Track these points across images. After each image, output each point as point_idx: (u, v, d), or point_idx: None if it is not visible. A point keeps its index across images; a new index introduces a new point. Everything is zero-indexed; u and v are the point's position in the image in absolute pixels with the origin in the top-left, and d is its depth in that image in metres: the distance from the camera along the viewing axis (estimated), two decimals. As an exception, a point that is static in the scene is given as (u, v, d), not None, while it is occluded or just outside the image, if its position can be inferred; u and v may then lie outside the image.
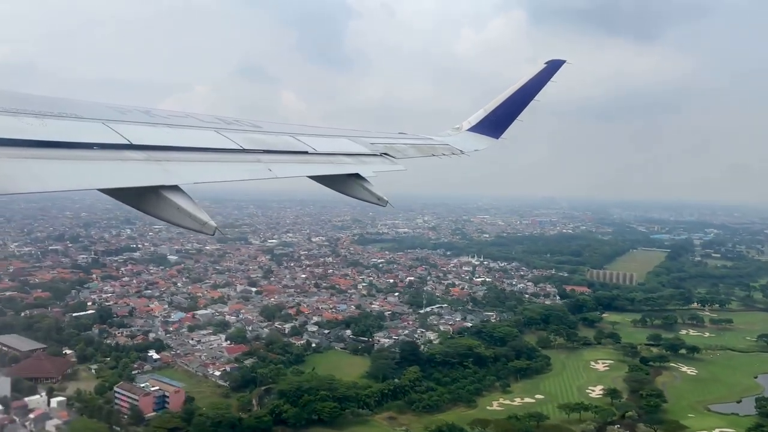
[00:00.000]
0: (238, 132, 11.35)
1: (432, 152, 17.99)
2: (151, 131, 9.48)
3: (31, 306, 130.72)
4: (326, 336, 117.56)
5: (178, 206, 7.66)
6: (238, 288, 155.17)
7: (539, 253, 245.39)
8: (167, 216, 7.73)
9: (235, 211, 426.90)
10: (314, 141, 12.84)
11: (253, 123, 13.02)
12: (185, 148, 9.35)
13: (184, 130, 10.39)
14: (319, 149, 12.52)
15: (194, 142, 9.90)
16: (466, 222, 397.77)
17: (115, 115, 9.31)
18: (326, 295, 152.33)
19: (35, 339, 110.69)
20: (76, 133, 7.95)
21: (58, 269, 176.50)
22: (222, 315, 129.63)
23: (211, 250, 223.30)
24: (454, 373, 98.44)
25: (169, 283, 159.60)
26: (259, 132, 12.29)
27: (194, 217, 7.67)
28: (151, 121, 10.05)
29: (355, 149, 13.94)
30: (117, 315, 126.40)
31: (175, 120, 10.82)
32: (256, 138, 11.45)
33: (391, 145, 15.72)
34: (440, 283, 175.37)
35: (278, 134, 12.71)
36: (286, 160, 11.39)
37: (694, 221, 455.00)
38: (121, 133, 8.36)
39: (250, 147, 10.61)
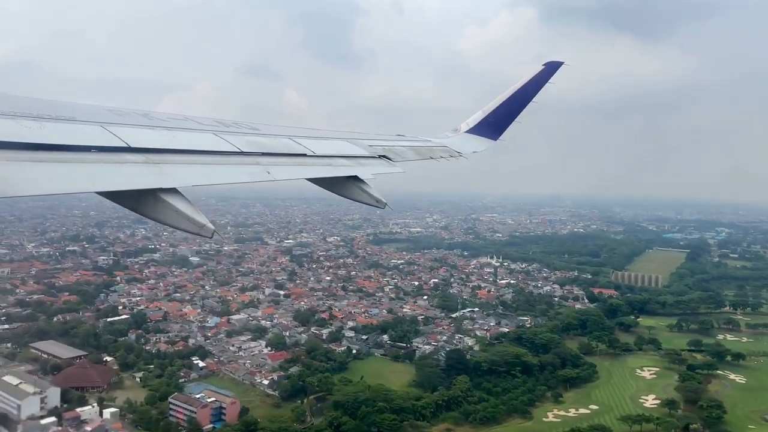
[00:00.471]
0: (236, 135, 11.42)
1: (430, 155, 18.10)
2: (150, 134, 9.53)
3: (63, 310, 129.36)
4: (364, 342, 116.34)
5: (176, 209, 7.70)
6: (266, 291, 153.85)
7: (557, 254, 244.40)
8: (165, 219, 7.70)
9: (243, 210, 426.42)
10: (312, 143, 12.97)
11: (252, 125, 13.14)
12: (183, 150, 9.43)
13: (182, 133, 10.45)
14: (317, 151, 12.62)
15: (192, 144, 9.99)
16: (476, 221, 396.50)
17: (112, 118, 9.40)
18: (355, 299, 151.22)
19: (72, 345, 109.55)
20: (73, 136, 7.99)
21: (81, 271, 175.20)
22: (256, 320, 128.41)
23: (229, 251, 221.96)
24: (505, 383, 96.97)
25: (197, 286, 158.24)
26: (257, 134, 12.41)
27: (192, 220, 7.70)
28: (149, 124, 10.10)
29: (353, 151, 14.04)
30: (151, 320, 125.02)
31: (173, 123, 10.87)
32: (254, 140, 11.54)
33: (390, 147, 15.83)
34: (465, 285, 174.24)
35: (276, 137, 12.80)
36: (284, 163, 11.47)
37: (702, 220, 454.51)
38: (119, 136, 8.42)
39: (249, 149, 10.68)
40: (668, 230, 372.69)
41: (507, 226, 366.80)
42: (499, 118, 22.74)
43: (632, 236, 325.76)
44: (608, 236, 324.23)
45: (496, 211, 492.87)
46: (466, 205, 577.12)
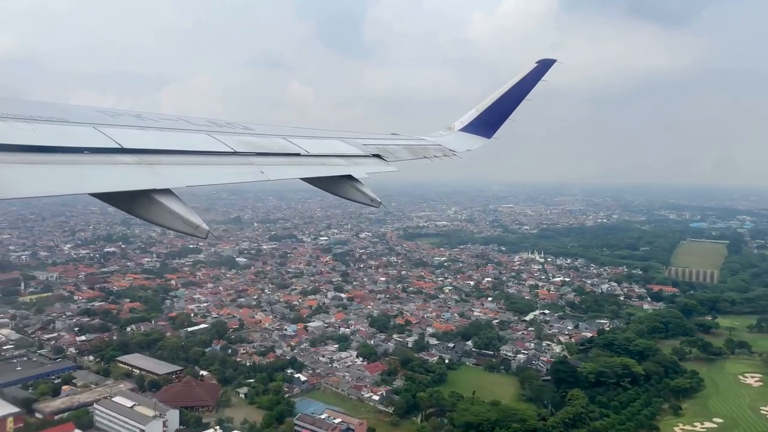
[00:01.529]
0: (229, 135, 11.38)
1: (424, 153, 18.23)
2: (142, 135, 9.51)
3: (136, 320, 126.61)
4: (452, 350, 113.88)
5: (170, 210, 7.67)
6: (328, 295, 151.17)
7: (595, 247, 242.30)
8: (159, 220, 7.65)
9: (259, 204, 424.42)
10: (306, 143, 12.96)
11: (245, 125, 13.16)
12: (177, 151, 9.41)
13: (175, 134, 10.47)
14: (311, 151, 12.61)
15: (186, 145, 9.99)
16: (496, 212, 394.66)
17: (105, 119, 9.38)
18: (419, 301, 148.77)
19: (160, 358, 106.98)
20: (66, 137, 7.98)
21: (130, 275, 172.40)
22: (332, 326, 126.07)
23: (269, 249, 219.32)
24: (619, 396, 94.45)
25: (257, 290, 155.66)
26: (251, 134, 12.39)
27: (186, 221, 7.66)
28: (142, 125, 10.07)
29: (347, 151, 14.06)
30: (230, 328, 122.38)
31: (166, 123, 10.88)
32: (248, 140, 11.53)
33: (383, 146, 15.92)
34: (521, 284, 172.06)
35: (270, 136, 12.84)
36: (278, 163, 11.46)
37: (717, 207, 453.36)
38: (111, 137, 8.40)
39: (242, 149, 10.69)
40: (693, 220, 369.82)
41: (529, 217, 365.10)
42: (492, 116, 22.91)
43: (659, 226, 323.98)
44: (635, 227, 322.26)
45: (510, 201, 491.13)
46: (476, 195, 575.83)
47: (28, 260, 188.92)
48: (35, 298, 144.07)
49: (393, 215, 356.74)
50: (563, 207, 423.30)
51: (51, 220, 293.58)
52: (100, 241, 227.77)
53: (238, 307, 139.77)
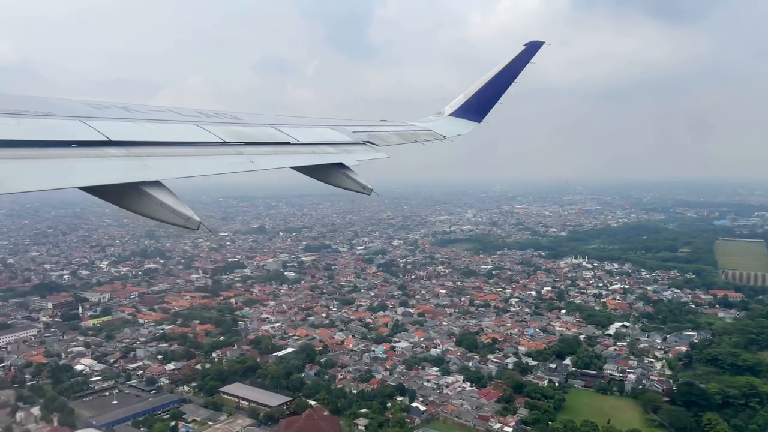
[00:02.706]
0: (218, 125, 11.28)
1: (415, 138, 18.01)
2: (131, 127, 9.40)
3: (219, 344, 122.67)
4: (554, 371, 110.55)
5: (160, 202, 7.60)
6: (398, 311, 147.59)
7: (633, 250, 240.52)
8: (150, 212, 7.62)
9: (271, 210, 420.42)
10: (296, 131, 12.89)
11: (234, 115, 12.99)
12: (165, 142, 9.32)
13: (163, 125, 10.34)
14: (301, 139, 12.55)
15: (174, 136, 9.91)
16: (513, 214, 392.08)
17: (92, 112, 9.31)
18: (492, 316, 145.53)
19: (261, 387, 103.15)
20: (53, 131, 7.96)
21: (183, 293, 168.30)
22: (419, 346, 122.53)
23: (309, 261, 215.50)
24: (757, 419, 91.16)
25: (322, 307, 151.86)
26: (239, 124, 12.22)
27: (178, 213, 7.59)
28: (129, 117, 9.95)
29: (337, 138, 14.02)
30: (317, 351, 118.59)
31: (154, 115, 10.74)
32: (237, 130, 11.40)
33: (374, 133, 15.87)
34: (583, 293, 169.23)
35: (259, 125, 12.67)
36: (268, 152, 11.32)
37: (731, 203, 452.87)
38: (99, 130, 8.33)
39: (232, 139, 10.58)
40: (712, 217, 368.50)
41: (549, 218, 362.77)
42: (481, 101, 22.73)
43: (684, 226, 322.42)
44: (659, 226, 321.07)
45: (519, 202, 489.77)
46: (481, 195, 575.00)
47: (72, 280, 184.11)
48: (99, 323, 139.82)
49: (413, 220, 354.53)
50: (579, 207, 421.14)
51: (72, 234, 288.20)
52: (135, 256, 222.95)
53: (312, 326, 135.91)
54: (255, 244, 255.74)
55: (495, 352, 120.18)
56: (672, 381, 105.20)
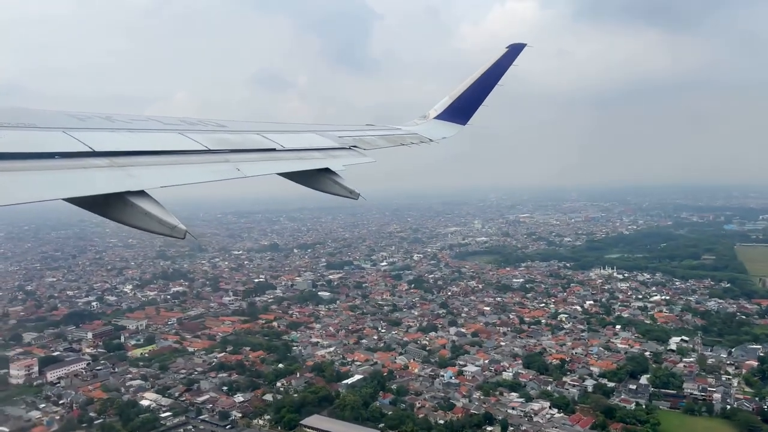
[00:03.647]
0: (202, 133, 11.25)
1: (401, 142, 17.97)
2: (114, 137, 9.39)
3: (282, 373, 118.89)
4: (635, 392, 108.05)
5: (146, 211, 7.56)
6: (451, 331, 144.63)
7: (658, 259, 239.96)
8: (136, 222, 7.59)
9: (275, 226, 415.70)
10: (281, 137, 12.85)
11: (218, 123, 12.96)
12: (149, 152, 9.32)
13: (147, 134, 10.35)
14: (287, 146, 12.53)
15: (158, 145, 9.87)
16: (520, 223, 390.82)
17: (75, 123, 9.28)
18: (548, 333, 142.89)
19: (339, 418, 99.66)
20: (35, 143, 7.89)
21: (221, 317, 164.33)
22: (487, 369, 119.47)
23: (336, 279, 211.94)
24: None
25: (371, 330, 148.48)
26: (224, 131, 12.25)
27: (163, 222, 7.54)
28: (112, 127, 9.95)
29: (323, 143, 14.03)
30: (383, 377, 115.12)
31: (137, 124, 10.73)
32: (221, 138, 11.43)
33: (360, 137, 15.85)
34: (626, 307, 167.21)
35: (244, 133, 12.65)
36: (254, 159, 11.26)
37: (730, 206, 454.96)
38: (82, 141, 8.27)
39: (216, 147, 10.56)
40: (717, 222, 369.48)
41: (557, 227, 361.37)
42: (466, 103, 22.87)
43: (695, 231, 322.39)
44: (672, 232, 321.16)
45: (519, 211, 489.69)
46: (479, 204, 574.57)
47: (101, 307, 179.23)
48: (146, 353, 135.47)
49: (423, 233, 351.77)
50: (585, 215, 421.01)
51: (82, 257, 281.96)
52: (158, 279, 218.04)
53: (368, 350, 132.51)
54: (274, 263, 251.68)
55: (567, 373, 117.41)
56: (758, 399, 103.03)
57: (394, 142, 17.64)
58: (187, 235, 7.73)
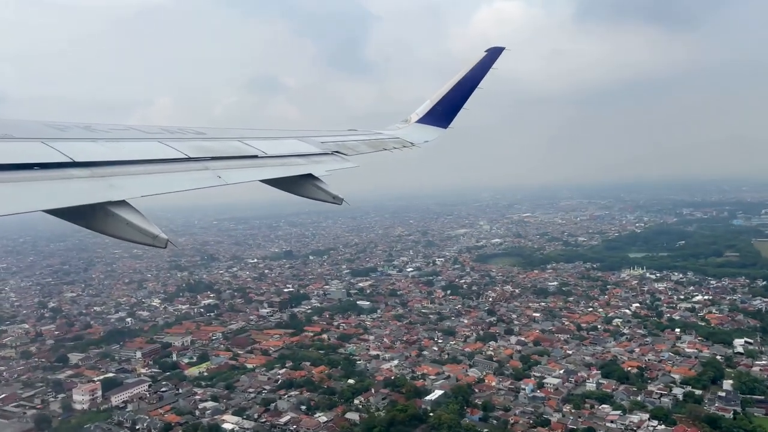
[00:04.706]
0: (182, 141, 11.22)
1: (383, 146, 18.03)
2: (94, 147, 9.34)
3: (356, 389, 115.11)
4: (725, 399, 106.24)
5: (127, 221, 7.53)
6: (511, 340, 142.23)
7: (683, 257, 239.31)
8: (117, 232, 7.57)
9: (279, 232, 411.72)
10: (263, 144, 12.94)
11: (197, 130, 12.91)
12: (130, 161, 9.30)
13: (127, 143, 10.34)
14: (268, 152, 12.55)
15: (139, 154, 9.83)
16: (526, 223, 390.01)
17: (53, 133, 9.27)
18: (608, 341, 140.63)
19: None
20: (13, 154, 7.79)
21: (266, 331, 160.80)
22: (566, 381, 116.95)
23: (367, 286, 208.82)
24: None
25: (428, 340, 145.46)
26: (204, 139, 12.21)
27: (145, 231, 7.51)
28: (92, 137, 9.89)
29: (305, 149, 14.15)
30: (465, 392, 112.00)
31: (117, 134, 10.70)
32: (202, 145, 11.37)
33: (342, 142, 15.99)
34: (673, 308, 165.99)
35: (225, 140, 12.68)
36: (235, 166, 11.24)
37: (727, 201, 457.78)
38: (61, 151, 8.22)
39: (197, 155, 10.51)
40: (721, 217, 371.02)
41: (566, 226, 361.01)
42: (446, 107, 23.06)
43: (706, 227, 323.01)
44: (682, 229, 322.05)
45: (518, 210, 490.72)
46: (475, 204, 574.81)
47: (136, 323, 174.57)
48: (204, 371, 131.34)
49: (432, 235, 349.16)
50: (590, 213, 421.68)
51: (93, 270, 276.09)
52: (183, 291, 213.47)
53: (435, 363, 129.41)
54: (295, 271, 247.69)
55: (647, 381, 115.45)
56: None
57: (377, 147, 17.67)
58: (169, 245, 7.62)
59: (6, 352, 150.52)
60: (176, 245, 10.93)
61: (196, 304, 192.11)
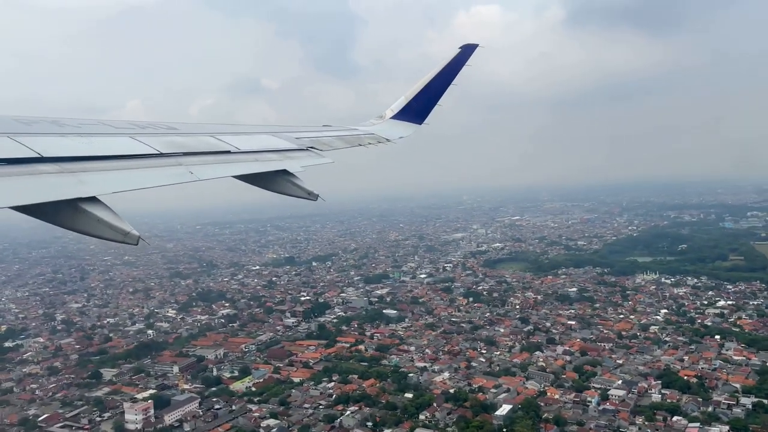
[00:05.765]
0: (154, 136, 11.02)
1: (358, 142, 17.97)
2: (62, 142, 9.21)
3: (418, 405, 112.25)
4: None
5: (98, 218, 7.39)
6: (558, 350, 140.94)
7: (690, 261, 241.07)
8: (87, 229, 7.46)
9: (270, 237, 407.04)
10: (236, 139, 12.68)
11: (169, 125, 12.74)
12: (100, 156, 9.11)
13: (97, 138, 10.15)
14: (242, 147, 12.36)
15: (109, 149, 9.71)
16: (519, 227, 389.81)
17: (20, 128, 9.06)
18: (655, 348, 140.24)
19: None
20: None
21: (299, 342, 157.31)
22: (629, 391, 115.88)
23: (384, 294, 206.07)
24: None
25: (471, 350, 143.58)
26: (176, 134, 11.98)
27: (116, 228, 7.38)
28: (61, 131, 9.76)
29: (279, 145, 13.92)
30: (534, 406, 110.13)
31: (86, 128, 10.53)
32: (173, 141, 11.16)
33: (317, 138, 15.84)
34: (701, 314, 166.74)
35: (197, 135, 12.40)
36: (208, 162, 11.04)
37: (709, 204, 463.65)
38: (29, 146, 8.05)
39: (169, 150, 10.35)
40: (708, 220, 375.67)
41: (561, 230, 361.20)
42: (421, 103, 23.31)
43: (699, 230, 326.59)
44: (676, 232, 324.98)
45: (502, 213, 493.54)
46: (457, 206, 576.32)
47: (159, 335, 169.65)
48: (251, 386, 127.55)
49: (430, 239, 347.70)
50: (581, 216, 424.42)
51: (90, 278, 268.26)
52: (196, 301, 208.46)
53: (488, 375, 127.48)
54: (303, 278, 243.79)
55: (709, 391, 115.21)
56: None
57: (352, 142, 17.53)
58: (140, 241, 7.45)
59: (30, 368, 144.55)
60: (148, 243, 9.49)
61: (214, 314, 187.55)
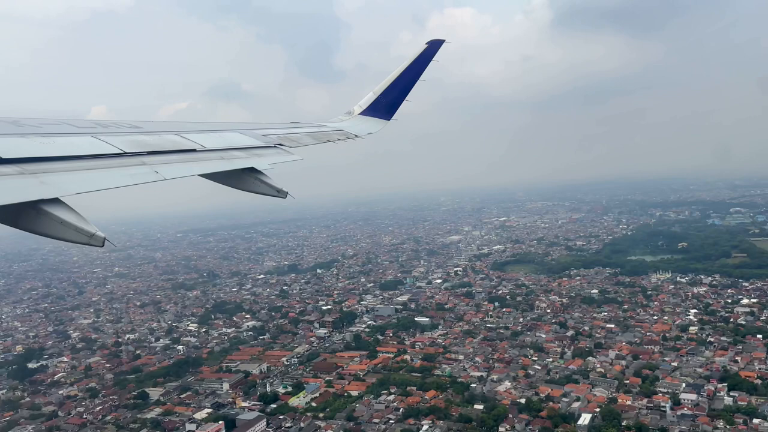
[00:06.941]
0: (117, 135, 10.89)
1: (327, 138, 18.12)
2: (23, 142, 9.05)
3: (494, 417, 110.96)
4: None
5: (61, 220, 7.26)
6: (609, 354, 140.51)
7: (697, 259, 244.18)
8: (50, 231, 7.32)
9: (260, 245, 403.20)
10: (201, 138, 12.53)
11: (133, 124, 12.60)
12: (62, 157, 8.98)
13: (59, 138, 9.99)
14: (207, 146, 12.19)
15: (72, 150, 9.56)
16: (510, 228, 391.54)
17: None
18: (702, 349, 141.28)
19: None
20: None
21: (339, 353, 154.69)
22: (695, 394, 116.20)
23: (406, 300, 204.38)
24: None
25: (527, 359, 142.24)
26: (140, 133, 11.83)
27: (80, 230, 7.29)
28: (20, 132, 9.62)
29: (246, 143, 13.85)
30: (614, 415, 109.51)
31: (47, 128, 10.39)
32: (138, 140, 11.02)
33: (285, 135, 15.81)
34: (731, 313, 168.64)
35: (161, 134, 12.24)
36: (173, 161, 10.92)
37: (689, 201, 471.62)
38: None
39: (133, 150, 10.24)
40: (693, 217, 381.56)
41: (555, 230, 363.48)
42: (390, 98, 23.42)
43: (691, 228, 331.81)
44: (668, 230, 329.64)
45: (486, 213, 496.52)
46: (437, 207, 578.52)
47: (189, 351, 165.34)
48: (309, 401, 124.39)
49: (427, 243, 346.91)
50: (570, 216, 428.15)
51: (90, 292, 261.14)
52: (214, 313, 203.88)
53: (550, 383, 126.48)
54: (314, 286, 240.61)
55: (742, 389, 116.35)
56: None
57: (320, 139, 17.50)
58: (106, 243, 7.39)
59: (67, 390, 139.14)
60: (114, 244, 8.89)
61: (240, 328, 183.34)
